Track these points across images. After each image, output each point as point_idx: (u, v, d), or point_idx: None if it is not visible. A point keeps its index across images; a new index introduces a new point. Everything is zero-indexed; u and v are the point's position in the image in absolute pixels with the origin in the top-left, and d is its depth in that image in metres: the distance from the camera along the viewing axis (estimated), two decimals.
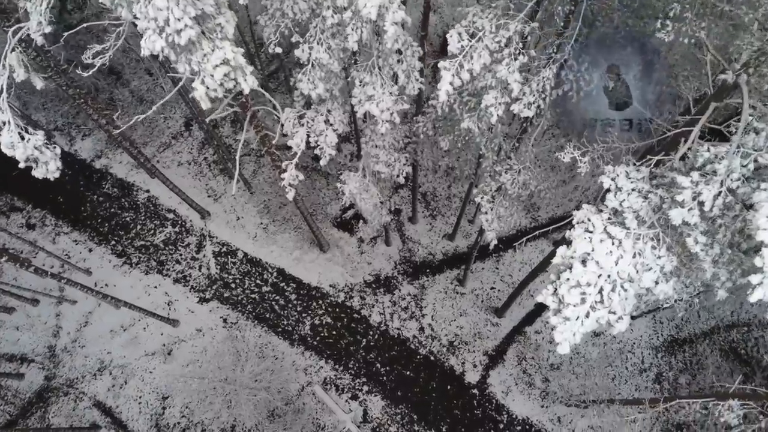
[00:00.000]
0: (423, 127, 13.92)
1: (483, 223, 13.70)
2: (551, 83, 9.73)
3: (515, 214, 13.72)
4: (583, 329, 7.85)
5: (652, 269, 7.81)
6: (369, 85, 10.48)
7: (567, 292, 7.90)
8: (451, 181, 29.60)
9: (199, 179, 29.89)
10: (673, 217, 7.11)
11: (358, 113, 10.64)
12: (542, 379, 25.81)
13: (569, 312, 7.83)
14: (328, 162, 13.28)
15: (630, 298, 7.78)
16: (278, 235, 28.54)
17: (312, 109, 12.45)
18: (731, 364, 25.72)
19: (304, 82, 11.12)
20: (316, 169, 30.03)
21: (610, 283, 7.71)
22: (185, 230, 28.74)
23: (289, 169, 12.99)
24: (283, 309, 27.16)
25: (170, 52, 8.68)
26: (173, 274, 27.87)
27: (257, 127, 16.31)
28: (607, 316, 7.76)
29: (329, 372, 25.97)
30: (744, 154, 6.84)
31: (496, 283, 27.67)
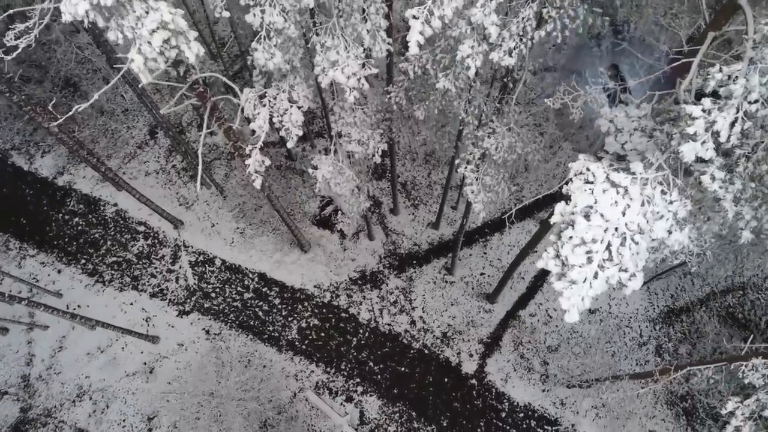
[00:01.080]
0: (395, 97, 13.01)
1: (468, 195, 12.71)
2: (532, 24, 8.85)
3: (502, 183, 12.84)
4: (592, 292, 6.98)
5: (663, 217, 6.95)
6: (332, 49, 9.52)
7: (571, 252, 7.01)
8: (431, 168, 28.72)
9: (169, 188, 28.61)
10: (685, 154, 6.27)
11: (322, 83, 9.68)
12: (541, 363, 25.04)
13: (575, 274, 6.95)
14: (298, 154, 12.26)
15: (642, 252, 6.92)
16: (256, 238, 27.40)
17: (273, 87, 11.43)
18: (730, 330, 25.21)
19: (260, 51, 10.10)
20: (291, 168, 28.95)
21: (618, 237, 6.84)
22: (158, 242, 27.45)
23: (253, 154, 11.95)
24: (267, 315, 26.03)
25: (97, 17, 7.61)
26: (149, 288, 26.56)
27: (219, 120, 15.24)
28: (618, 275, 6.90)
29: (321, 375, 24.90)
30: (762, 70, 6.00)
31: (486, 268, 26.85)
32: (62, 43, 27.74)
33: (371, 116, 12.95)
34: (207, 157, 29.33)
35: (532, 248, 20.05)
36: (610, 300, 26.10)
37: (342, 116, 12.70)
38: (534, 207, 28.09)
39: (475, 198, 12.67)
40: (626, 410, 23.24)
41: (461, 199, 27.67)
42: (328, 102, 13.01)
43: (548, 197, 28.29)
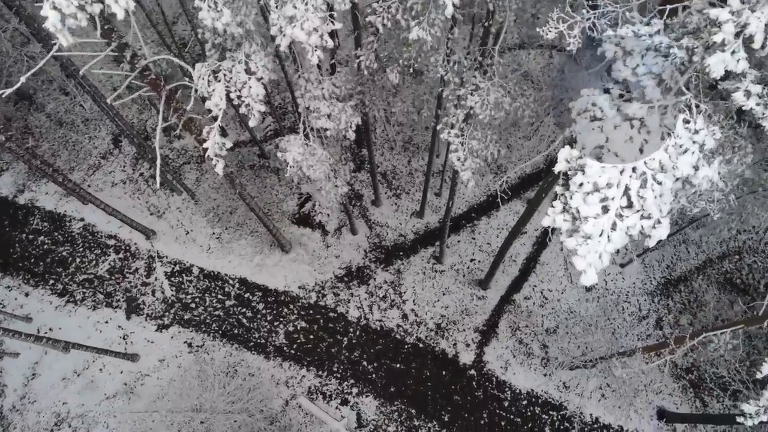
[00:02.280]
0: (365, 61, 11.89)
1: (455, 163, 11.57)
2: None
3: (491, 146, 11.79)
4: (611, 247, 5.94)
5: (688, 151, 5.95)
6: (288, 3, 8.38)
7: (582, 201, 5.97)
8: (410, 156, 27.67)
9: (138, 197, 27.17)
10: (712, 67, 5.26)
11: (281, 45, 8.55)
12: (540, 347, 24.12)
13: (590, 228, 5.91)
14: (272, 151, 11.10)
15: (666, 194, 5.90)
16: (234, 242, 26.09)
17: (228, 59, 10.26)
18: (730, 296, 24.54)
19: (205, 9, 8.92)
20: (265, 167, 27.68)
21: (637, 179, 5.82)
22: (130, 255, 26.01)
23: (211, 136, 10.75)
24: (251, 321, 24.74)
25: None
26: (124, 304, 25.10)
27: (178, 111, 14.00)
28: (640, 223, 5.87)
29: (313, 380, 23.68)
30: None
31: (475, 254, 25.86)
32: (11, 53, 26.17)
33: (341, 87, 11.83)
34: (176, 161, 27.95)
35: (521, 229, 19.14)
36: (605, 276, 25.28)
37: (308, 89, 11.56)
38: (519, 187, 27.20)
39: (462, 166, 11.60)
40: (633, 387, 22.42)
41: (444, 184, 26.68)
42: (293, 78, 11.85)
43: (534, 177, 27.45)
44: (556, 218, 6.41)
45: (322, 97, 11.53)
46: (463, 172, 11.60)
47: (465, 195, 26.94)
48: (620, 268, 25.27)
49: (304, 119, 12.28)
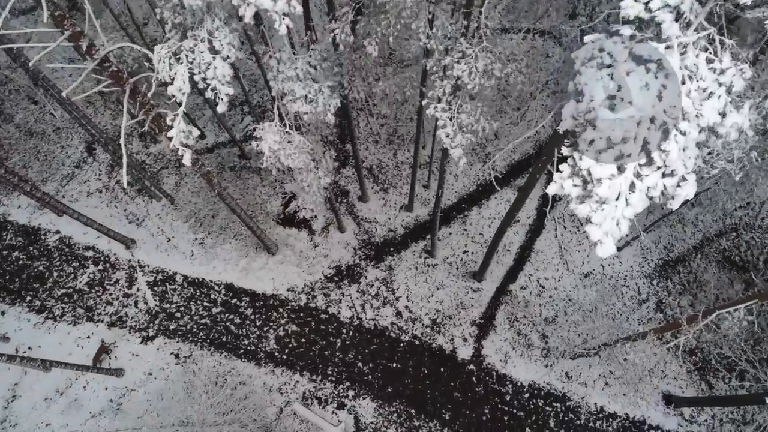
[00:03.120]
0: (340, 33, 11.04)
1: (443, 141, 10.69)
2: None
3: (481, 120, 11.00)
4: (630, 211, 5.18)
5: (714, 94, 5.20)
6: None
7: (595, 161, 5.19)
8: (396, 149, 26.87)
9: (115, 206, 26.12)
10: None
11: (245, 16, 7.71)
12: (540, 337, 23.41)
13: (604, 190, 5.14)
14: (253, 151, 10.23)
15: (691, 147, 5.15)
16: (218, 247, 25.13)
17: (190, 38, 9.39)
18: (729, 274, 23.99)
19: None
20: (246, 167, 26.75)
21: (657, 130, 5.06)
22: (110, 266, 24.96)
23: (176, 123, 9.86)
24: (240, 328, 23.79)
25: None
26: (106, 317, 24.07)
27: (145, 106, 13.08)
28: (662, 182, 5.11)
29: (307, 385, 22.79)
30: None
31: (468, 245, 25.11)
32: None
33: (316, 66, 10.98)
34: (153, 167, 26.92)
35: (513, 217, 18.39)
36: (602, 261, 24.63)
37: (281, 70, 10.70)
38: (509, 175, 26.49)
39: (452, 143, 10.77)
40: (638, 374, 21.79)
41: (432, 176, 25.91)
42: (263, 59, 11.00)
43: (523, 164, 26.77)
44: (564, 184, 5.63)
45: (297, 77, 10.68)
46: (453, 150, 10.78)
47: (454, 186, 26.19)
48: (617, 252, 24.64)
49: (278, 104, 11.41)
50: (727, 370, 22.09)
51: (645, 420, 21.96)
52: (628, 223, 5.34)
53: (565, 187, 5.68)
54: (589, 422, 22.01)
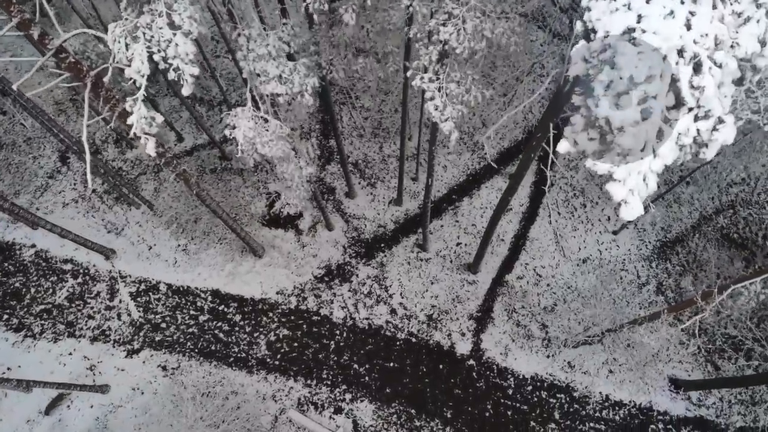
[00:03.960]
0: (313, 3, 10.19)
1: (432, 114, 9.79)
2: None
3: (472, 89, 10.19)
4: (659, 164, 4.43)
5: (751, 19, 4.46)
6: None
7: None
8: (381, 142, 26.06)
9: (93, 216, 25.07)
10: None
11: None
12: (539, 327, 22.71)
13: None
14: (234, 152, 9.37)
15: (727, 84, 4.40)
16: (202, 253, 24.17)
17: (146, 13, 8.51)
18: (728, 252, 23.43)
19: None
20: (228, 169, 25.82)
21: (687, 64, 4.31)
22: (90, 278, 23.92)
23: (136, 109, 8.98)
24: (229, 335, 22.86)
25: None
26: (88, 332, 23.03)
27: (109, 102, 12.15)
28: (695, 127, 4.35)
29: (302, 390, 21.90)
30: None
31: (461, 237, 24.36)
32: None
33: (289, 42, 10.14)
34: (131, 173, 25.91)
35: (506, 205, 17.70)
36: (599, 245, 23.99)
37: (251, 48, 9.85)
38: (499, 162, 25.79)
39: (441, 116, 9.94)
40: (642, 359, 21.15)
41: (420, 168, 25.14)
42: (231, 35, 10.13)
43: (513, 150, 26.08)
44: (577, 138, 4.83)
45: (269, 55, 9.82)
46: (443, 124, 9.99)
47: (443, 177, 25.44)
48: (613, 236, 24.01)
49: (251, 86, 10.54)
50: (734, 350, 21.51)
51: (652, 406, 21.35)
52: (656, 179, 4.59)
53: (579, 141, 4.90)
54: (595, 412, 21.35)
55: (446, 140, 25.21)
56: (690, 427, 21.14)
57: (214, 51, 28.35)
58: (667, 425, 21.13)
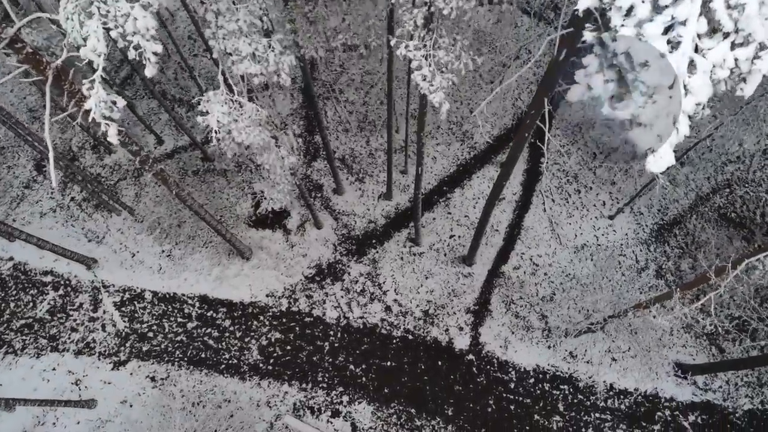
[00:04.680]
0: None
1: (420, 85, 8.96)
2: None
3: (462, 55, 9.46)
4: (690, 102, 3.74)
5: None
6: None
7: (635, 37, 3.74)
8: (368, 136, 25.35)
9: (72, 225, 24.16)
10: None
11: None
12: (539, 317, 22.09)
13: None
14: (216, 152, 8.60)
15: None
16: (187, 258, 23.34)
17: None
18: (727, 232, 22.97)
19: None
20: (210, 170, 24.99)
21: None
22: (72, 289, 23.02)
23: (93, 92, 8.22)
24: (219, 342, 22.05)
25: None
26: (72, 345, 22.14)
27: (74, 95, 11.35)
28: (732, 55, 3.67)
29: (297, 395, 21.14)
30: None
31: (454, 229, 23.70)
32: None
33: (261, 17, 9.38)
34: (110, 179, 25.01)
35: (499, 193, 17.08)
36: (595, 231, 23.42)
37: (221, 24, 9.10)
38: (490, 151, 25.17)
39: (430, 86, 9.19)
40: (645, 345, 20.63)
41: (409, 160, 24.46)
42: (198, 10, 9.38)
43: (503, 138, 25.46)
44: (591, 81, 4.15)
45: (240, 32, 9.07)
46: (432, 95, 9.25)
47: (433, 168, 24.77)
48: (609, 221, 23.45)
49: (222, 68, 9.78)
50: (738, 331, 21.02)
51: (658, 393, 20.79)
52: (688, 122, 3.93)
53: (593, 85, 4.23)
54: (599, 402, 20.76)
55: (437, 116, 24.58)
56: (697, 412, 20.62)
57: (191, 50, 27.54)
58: (674, 412, 20.59)
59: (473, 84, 25.85)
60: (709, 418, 20.55)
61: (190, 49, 27.45)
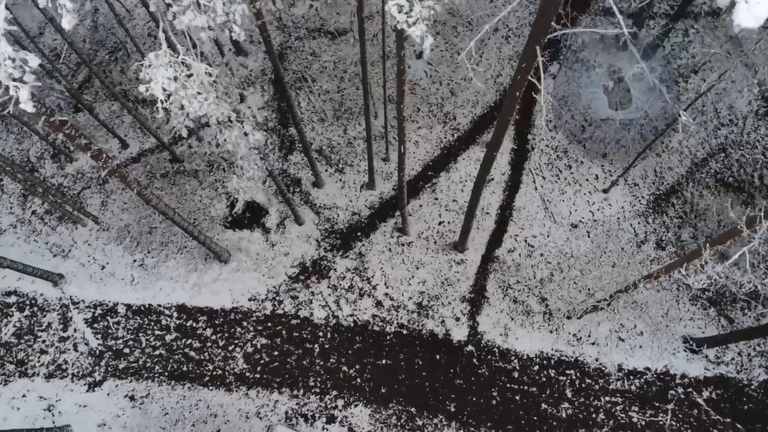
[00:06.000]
0: None
1: (396, 18, 7.40)
2: None
3: None
4: None
5: None
6: None
7: None
8: (345, 124, 24.03)
9: (35, 240, 22.53)
10: None
11: None
12: (538, 301, 20.96)
13: None
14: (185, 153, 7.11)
15: None
16: (161, 266, 21.85)
17: None
18: (725, 198, 22.03)
19: None
20: (181, 171, 23.52)
21: None
22: (39, 309, 21.43)
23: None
24: (201, 352, 20.61)
25: None
26: (42, 369, 20.57)
27: None
28: None
29: (288, 403, 19.78)
30: None
31: (442, 215, 22.49)
32: None
33: None
34: (73, 188, 23.41)
35: (487, 174, 16.03)
36: (590, 206, 22.34)
37: None
38: (474, 131, 23.99)
39: (408, 18, 7.73)
40: (652, 321, 19.60)
41: (390, 146, 23.19)
42: None
43: (487, 117, 24.30)
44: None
45: None
46: (412, 29, 7.93)
47: (416, 153, 23.53)
48: (604, 194, 22.39)
49: (163, 24, 8.38)
50: (752, 298, 20.05)
51: (669, 370, 19.78)
52: None
53: None
54: (609, 384, 19.68)
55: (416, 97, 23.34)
56: (711, 387, 19.63)
57: (152, 47, 26.02)
58: (687, 389, 19.58)
59: (451, 63, 24.67)
60: (723, 392, 19.57)
61: (150, 47, 25.93)
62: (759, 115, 23.10)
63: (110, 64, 25.49)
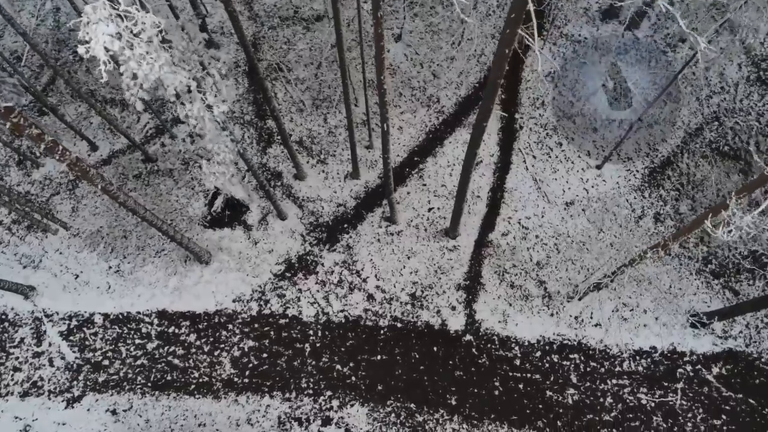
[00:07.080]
0: None
1: None
2: None
3: None
4: None
5: None
6: None
7: None
8: (325, 113, 23.01)
9: (2, 251, 21.26)
10: None
11: None
12: (536, 284, 20.09)
13: None
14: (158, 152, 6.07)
15: None
16: (139, 271, 20.69)
17: None
18: (722, 167, 21.33)
19: None
20: (155, 171, 22.36)
21: None
22: (10, 324, 20.18)
23: None
24: (185, 360, 19.48)
25: None
26: (17, 387, 19.32)
27: None
28: None
29: (281, 407, 18.73)
30: None
31: (431, 201, 21.55)
32: None
33: None
34: (41, 195, 22.16)
35: (475, 156, 15.24)
36: (584, 183, 21.52)
37: None
38: (459, 114, 23.08)
39: None
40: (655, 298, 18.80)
41: (373, 134, 22.20)
42: None
43: (472, 99, 23.41)
44: None
45: None
46: None
47: (400, 139, 22.57)
48: (597, 171, 21.59)
49: None
50: (751, 270, 19.35)
51: (676, 348, 19.01)
52: None
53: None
54: (615, 367, 18.85)
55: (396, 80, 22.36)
56: (720, 363, 18.87)
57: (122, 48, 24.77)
58: (695, 366, 18.80)
59: (432, 45, 23.75)
60: (733, 367, 18.82)
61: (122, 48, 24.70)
62: (750, 81, 22.44)
63: (75, 64, 24.23)
